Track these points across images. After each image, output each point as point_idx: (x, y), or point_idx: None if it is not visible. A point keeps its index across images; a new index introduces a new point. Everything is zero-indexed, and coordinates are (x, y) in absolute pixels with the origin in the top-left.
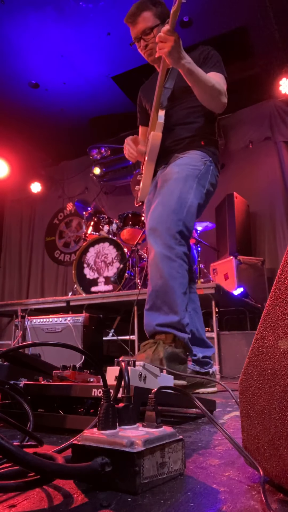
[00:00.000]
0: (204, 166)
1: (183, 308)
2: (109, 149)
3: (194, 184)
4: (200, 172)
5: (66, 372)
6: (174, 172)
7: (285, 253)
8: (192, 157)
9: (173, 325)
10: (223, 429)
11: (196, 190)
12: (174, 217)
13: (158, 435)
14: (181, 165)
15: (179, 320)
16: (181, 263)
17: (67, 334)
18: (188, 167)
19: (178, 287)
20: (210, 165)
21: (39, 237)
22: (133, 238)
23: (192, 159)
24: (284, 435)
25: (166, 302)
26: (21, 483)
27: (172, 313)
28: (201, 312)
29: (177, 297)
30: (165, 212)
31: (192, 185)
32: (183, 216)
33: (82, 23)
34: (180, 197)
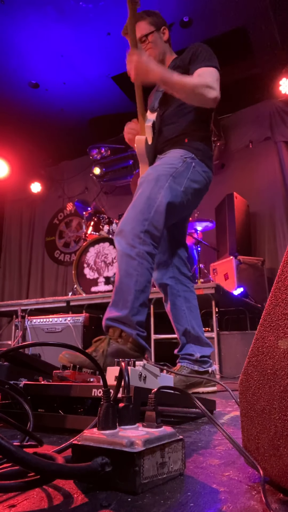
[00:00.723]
0: (182, 164)
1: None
2: (109, 149)
3: (166, 183)
4: (176, 170)
5: (66, 372)
6: (149, 173)
7: (285, 253)
8: (170, 156)
9: (121, 319)
10: (223, 429)
11: (167, 189)
12: (140, 217)
13: (158, 435)
14: (155, 167)
15: (128, 315)
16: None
17: (67, 334)
18: (162, 167)
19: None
20: (191, 162)
21: (39, 237)
22: None
23: (169, 158)
24: (284, 435)
25: (121, 298)
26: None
27: (124, 308)
28: (197, 311)
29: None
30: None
31: (163, 184)
32: (150, 216)
33: (82, 23)
34: (149, 198)
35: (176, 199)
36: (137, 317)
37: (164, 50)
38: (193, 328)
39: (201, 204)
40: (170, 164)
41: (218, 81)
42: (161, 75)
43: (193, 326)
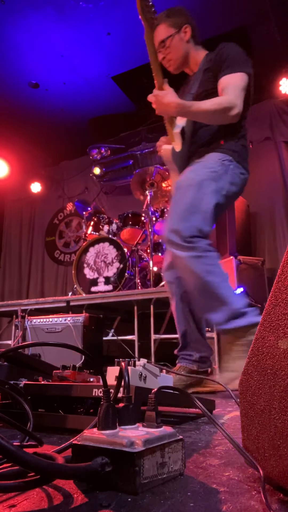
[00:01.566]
0: (221, 167)
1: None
2: (109, 149)
3: (209, 188)
4: (216, 174)
5: (66, 372)
6: (188, 178)
7: (285, 253)
8: (208, 160)
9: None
10: (223, 429)
11: (212, 194)
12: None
13: (158, 435)
14: (195, 170)
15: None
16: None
17: (67, 334)
18: (203, 171)
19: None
20: (229, 165)
21: (39, 237)
22: (133, 238)
23: (209, 162)
24: (284, 435)
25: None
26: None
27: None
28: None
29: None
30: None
31: (207, 189)
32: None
33: (82, 23)
34: (192, 204)
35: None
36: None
37: (186, 51)
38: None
39: None
40: (210, 168)
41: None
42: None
43: (193, 329)
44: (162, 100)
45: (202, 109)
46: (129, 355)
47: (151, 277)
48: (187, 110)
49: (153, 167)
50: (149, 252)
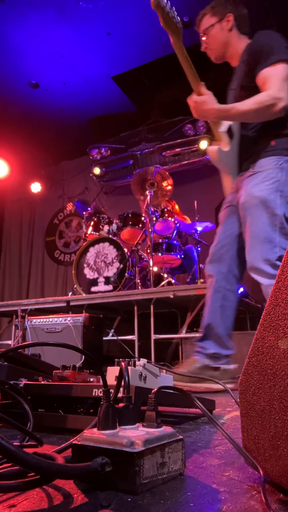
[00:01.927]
0: (281, 173)
1: None
2: (109, 149)
3: (277, 201)
4: (279, 183)
5: (66, 372)
6: (253, 196)
7: (285, 253)
8: (266, 169)
9: None
10: (223, 429)
11: (280, 207)
12: (267, 246)
13: (158, 435)
14: (257, 185)
15: None
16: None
17: (67, 334)
18: (265, 185)
19: None
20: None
21: (39, 237)
22: (133, 238)
23: (267, 173)
24: (284, 435)
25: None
26: (21, 483)
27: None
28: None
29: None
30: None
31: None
32: (277, 241)
33: (82, 23)
34: (268, 224)
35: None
36: None
37: (226, 41)
38: (217, 326)
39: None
40: (270, 179)
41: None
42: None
43: (218, 324)
44: (202, 107)
45: (242, 110)
46: (129, 355)
47: (151, 277)
48: (227, 114)
49: (153, 167)
50: (149, 252)
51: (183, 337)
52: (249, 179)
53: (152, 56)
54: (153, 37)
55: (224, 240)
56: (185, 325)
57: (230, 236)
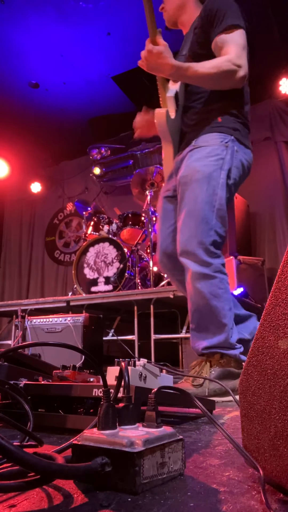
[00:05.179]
0: (226, 151)
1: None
2: (109, 149)
3: (219, 180)
4: (223, 161)
5: (66, 372)
6: (195, 170)
7: (285, 253)
8: (210, 144)
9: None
10: (223, 429)
11: (222, 186)
12: (203, 227)
13: (158, 435)
14: (200, 159)
15: (226, 339)
16: (221, 276)
17: (67, 334)
18: (209, 161)
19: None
20: (233, 146)
21: (39, 237)
22: (133, 238)
23: (212, 149)
24: (284, 435)
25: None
26: (21, 483)
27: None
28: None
29: (223, 316)
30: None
31: (217, 182)
32: (213, 223)
33: (82, 23)
34: (207, 202)
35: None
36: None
37: (183, 4)
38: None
39: None
40: (215, 155)
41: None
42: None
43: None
44: (157, 59)
45: (200, 72)
46: (129, 355)
47: (151, 277)
48: (183, 73)
49: (153, 167)
50: (149, 252)
51: (183, 337)
52: (191, 153)
53: None
54: None
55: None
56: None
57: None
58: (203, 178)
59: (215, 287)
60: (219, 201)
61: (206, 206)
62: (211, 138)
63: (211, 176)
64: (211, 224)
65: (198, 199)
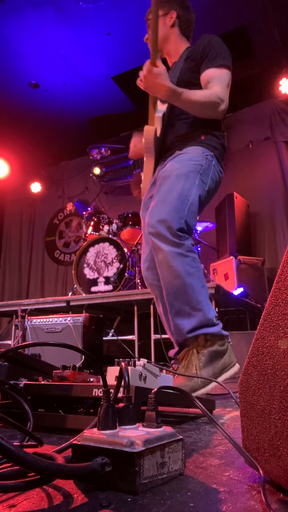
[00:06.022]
0: (205, 161)
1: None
2: (109, 149)
3: (196, 180)
4: (202, 168)
5: (66, 372)
6: (175, 168)
7: (285, 253)
8: (192, 152)
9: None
10: (223, 429)
11: (197, 187)
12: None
13: (158, 435)
14: (182, 161)
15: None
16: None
17: (67, 334)
18: (189, 163)
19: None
20: (212, 160)
21: (39, 237)
22: (133, 238)
23: (193, 155)
24: (284, 435)
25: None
26: (21, 483)
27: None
28: None
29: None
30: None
31: (194, 181)
32: (185, 214)
33: (82, 23)
34: (181, 194)
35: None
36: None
37: (167, 35)
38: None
39: None
40: (195, 161)
41: (228, 86)
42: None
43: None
44: (155, 79)
45: (191, 99)
46: (129, 355)
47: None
48: (177, 96)
49: None
50: None
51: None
52: (174, 158)
53: None
54: None
55: None
56: None
57: None
58: (181, 174)
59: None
60: (193, 197)
61: (180, 198)
62: (194, 149)
63: (188, 175)
64: (181, 214)
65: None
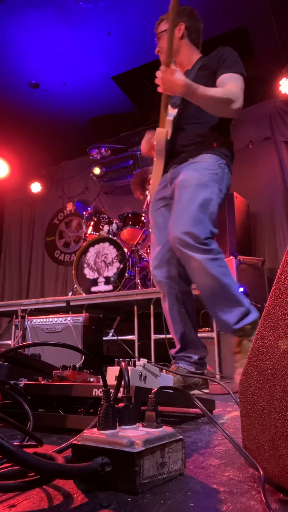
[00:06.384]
0: (220, 170)
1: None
2: (109, 149)
3: (215, 189)
4: (217, 177)
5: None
6: (194, 177)
7: (285, 253)
8: (207, 161)
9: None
10: (223, 429)
11: (217, 196)
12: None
13: (158, 435)
14: (199, 170)
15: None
16: (222, 256)
17: (67, 334)
18: (207, 172)
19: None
20: (224, 168)
21: (39, 237)
22: (133, 238)
23: (209, 164)
24: (284, 435)
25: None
26: (21, 483)
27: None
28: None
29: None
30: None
31: (213, 190)
32: (208, 224)
33: (82, 23)
34: (203, 205)
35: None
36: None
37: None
38: (190, 332)
39: None
40: (212, 170)
41: (242, 89)
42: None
43: (190, 330)
44: (171, 76)
45: (208, 93)
46: (129, 355)
47: (151, 277)
48: (193, 91)
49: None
50: (149, 252)
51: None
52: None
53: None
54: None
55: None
56: None
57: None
58: (201, 184)
59: (221, 267)
60: (213, 205)
61: (202, 208)
62: (208, 157)
63: (208, 184)
64: (206, 224)
65: (195, 201)
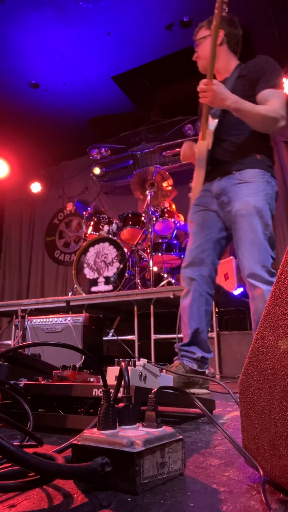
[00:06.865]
0: (269, 187)
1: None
2: (109, 149)
3: (270, 212)
4: (268, 196)
5: (66, 372)
6: (251, 206)
7: (285, 253)
8: (256, 180)
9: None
10: (223, 429)
11: (269, 218)
12: (265, 255)
13: (158, 435)
14: (252, 195)
15: None
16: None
17: (67, 334)
18: (260, 194)
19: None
20: (271, 181)
21: (39, 237)
22: (133, 238)
23: (258, 185)
24: (284, 435)
25: None
26: (21, 483)
27: None
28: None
29: None
30: (257, 252)
31: (269, 213)
32: (270, 251)
33: (82, 23)
34: (264, 233)
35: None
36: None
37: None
38: (203, 331)
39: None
40: (263, 190)
41: (285, 105)
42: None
43: (203, 329)
44: (217, 89)
45: (253, 110)
46: (129, 355)
47: (151, 277)
48: (240, 105)
49: (153, 167)
50: (149, 252)
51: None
52: (240, 187)
53: (152, 56)
54: (153, 37)
55: (206, 244)
56: None
57: (211, 240)
58: (257, 212)
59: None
60: (270, 230)
61: (263, 236)
62: (255, 174)
63: (263, 210)
64: (268, 251)
65: (258, 230)
